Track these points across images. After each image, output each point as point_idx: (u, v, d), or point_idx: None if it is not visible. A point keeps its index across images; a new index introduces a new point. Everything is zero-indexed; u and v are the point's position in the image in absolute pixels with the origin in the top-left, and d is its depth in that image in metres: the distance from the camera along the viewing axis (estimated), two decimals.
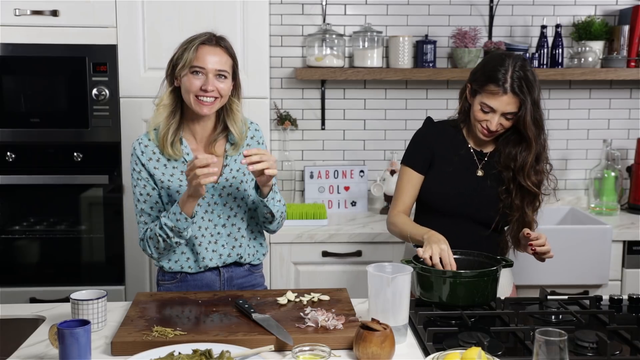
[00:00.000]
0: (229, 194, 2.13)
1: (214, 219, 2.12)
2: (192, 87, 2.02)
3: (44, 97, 2.95)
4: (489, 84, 2.08)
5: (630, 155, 3.55)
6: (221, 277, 2.18)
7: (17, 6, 2.85)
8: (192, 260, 2.14)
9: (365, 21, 3.37)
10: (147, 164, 2.09)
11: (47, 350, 1.70)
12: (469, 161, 2.22)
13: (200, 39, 2.05)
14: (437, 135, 2.25)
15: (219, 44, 2.06)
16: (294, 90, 3.44)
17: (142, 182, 2.10)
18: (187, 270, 2.15)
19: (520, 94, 2.06)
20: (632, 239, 3.06)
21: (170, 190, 2.09)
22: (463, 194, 2.19)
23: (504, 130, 2.14)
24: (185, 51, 2.03)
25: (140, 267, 3.02)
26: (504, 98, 2.07)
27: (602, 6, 3.48)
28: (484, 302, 1.93)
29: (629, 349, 1.71)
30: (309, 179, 3.45)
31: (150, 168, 2.09)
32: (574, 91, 3.53)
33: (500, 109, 2.08)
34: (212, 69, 2.02)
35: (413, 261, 1.96)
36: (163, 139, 2.07)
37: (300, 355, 1.56)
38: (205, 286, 2.16)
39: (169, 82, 2.09)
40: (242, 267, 2.20)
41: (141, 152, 2.10)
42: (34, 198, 3.01)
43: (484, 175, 2.21)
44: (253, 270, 2.24)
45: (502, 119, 2.10)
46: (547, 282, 2.79)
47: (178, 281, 2.17)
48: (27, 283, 3.00)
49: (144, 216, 2.12)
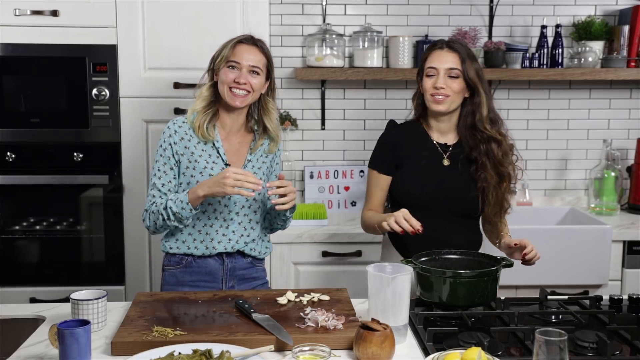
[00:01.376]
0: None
1: (229, 204, 2.21)
2: (227, 79, 2.17)
3: (44, 97, 2.95)
4: (428, 52, 2.26)
5: (630, 155, 3.55)
6: (224, 266, 2.23)
7: (17, 6, 2.85)
8: (199, 241, 2.21)
9: (365, 21, 3.37)
10: (178, 142, 2.20)
11: (47, 350, 1.70)
12: (434, 154, 2.28)
13: (239, 38, 2.22)
14: (399, 136, 2.32)
15: (255, 43, 2.22)
16: (294, 90, 3.44)
17: (163, 159, 2.20)
18: (194, 252, 2.21)
19: (458, 50, 2.21)
20: (632, 239, 3.06)
21: (194, 171, 2.19)
22: (433, 186, 2.24)
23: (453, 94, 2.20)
24: (224, 48, 2.20)
25: (140, 267, 3.02)
26: (442, 53, 2.21)
27: (602, 6, 3.48)
28: (484, 302, 1.94)
29: (629, 349, 1.71)
30: (309, 179, 3.45)
31: (181, 147, 2.20)
32: (574, 91, 3.53)
33: (441, 65, 2.20)
34: (247, 64, 2.17)
35: (413, 261, 1.96)
36: (198, 124, 2.20)
37: (300, 355, 1.57)
38: (208, 274, 2.22)
39: (210, 77, 2.25)
40: (246, 259, 2.26)
41: (174, 132, 2.21)
42: (34, 198, 3.01)
43: (451, 164, 2.27)
44: (255, 263, 2.30)
45: (447, 79, 2.20)
46: (547, 282, 2.79)
47: (183, 266, 2.23)
48: (27, 283, 3.00)
49: (154, 190, 2.20)
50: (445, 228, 2.23)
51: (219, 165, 2.19)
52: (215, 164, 2.19)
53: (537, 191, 3.58)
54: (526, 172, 3.52)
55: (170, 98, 2.94)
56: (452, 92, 2.20)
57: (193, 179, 2.18)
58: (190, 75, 2.91)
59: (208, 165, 2.19)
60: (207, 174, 2.17)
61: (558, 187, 3.60)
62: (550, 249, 2.98)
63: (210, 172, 2.17)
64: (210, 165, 2.19)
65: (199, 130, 2.18)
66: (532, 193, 3.54)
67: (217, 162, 2.20)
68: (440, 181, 2.25)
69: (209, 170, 2.17)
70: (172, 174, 2.20)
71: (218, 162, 2.20)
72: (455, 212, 2.25)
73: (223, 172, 2.05)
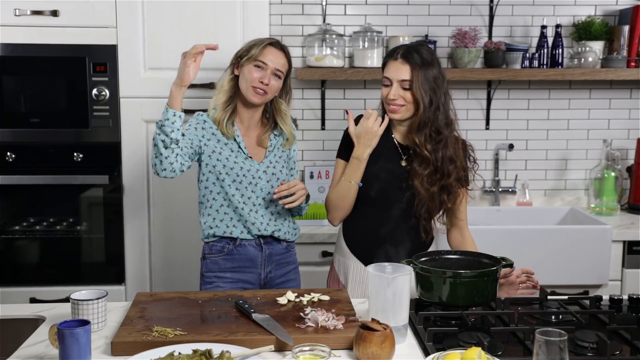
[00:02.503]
0: (273, 174, 2.37)
1: (256, 190, 2.34)
2: (251, 77, 2.29)
3: (44, 97, 2.96)
4: (386, 59, 2.28)
5: (630, 155, 3.55)
6: (263, 252, 2.36)
7: (17, 6, 2.85)
8: (236, 220, 2.33)
9: (365, 21, 3.37)
10: (206, 128, 2.34)
11: (47, 350, 1.70)
12: (393, 152, 2.31)
13: (269, 40, 2.35)
14: None
15: (282, 48, 2.36)
16: (294, 90, 3.38)
17: (190, 130, 2.33)
18: (233, 232, 2.33)
19: (409, 60, 2.20)
20: (632, 239, 3.07)
21: (218, 163, 2.31)
22: (389, 183, 2.27)
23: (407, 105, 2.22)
24: (254, 47, 2.31)
25: (140, 267, 3.02)
26: (395, 64, 2.23)
27: (602, 6, 3.48)
28: (484, 302, 1.93)
29: (629, 349, 1.71)
30: (309, 179, 3.45)
31: (208, 133, 2.33)
32: (574, 91, 3.53)
33: (394, 76, 2.22)
34: (272, 67, 2.30)
35: (413, 261, 1.96)
36: (220, 119, 2.33)
37: (300, 355, 1.56)
38: (249, 260, 2.35)
39: (231, 71, 2.36)
40: (281, 244, 2.40)
41: (203, 121, 2.35)
42: (34, 198, 3.01)
43: (407, 164, 2.29)
44: (289, 248, 2.44)
45: (400, 90, 2.22)
46: (547, 282, 2.78)
47: (225, 254, 2.34)
48: (27, 283, 3.01)
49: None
50: (403, 224, 2.27)
51: (241, 156, 2.33)
52: (238, 153, 2.33)
53: (537, 191, 3.58)
54: (526, 172, 3.56)
55: None
56: (406, 102, 2.22)
57: (219, 163, 2.30)
58: None
59: (232, 155, 2.32)
60: (232, 161, 2.31)
61: (558, 187, 3.60)
62: (550, 249, 2.98)
63: (235, 160, 2.32)
64: (234, 154, 2.33)
65: (220, 126, 2.32)
66: (532, 193, 3.55)
67: (239, 154, 2.34)
68: (398, 180, 2.27)
69: (232, 159, 2.32)
70: (191, 138, 2.29)
71: (240, 155, 2.34)
72: (407, 212, 2.27)
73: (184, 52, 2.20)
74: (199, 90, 2.89)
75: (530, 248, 2.97)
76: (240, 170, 2.32)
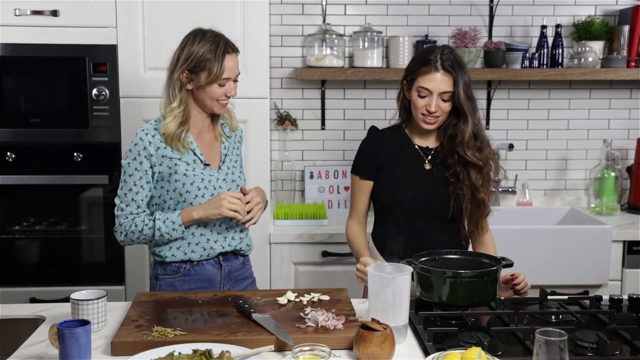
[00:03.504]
0: (233, 180, 2.22)
1: None
2: (216, 94, 2.12)
3: (44, 97, 2.95)
4: (421, 68, 2.19)
5: (630, 155, 3.55)
6: (222, 270, 2.22)
7: (17, 6, 2.85)
8: (195, 244, 2.17)
9: (365, 21, 3.37)
10: (154, 154, 2.12)
11: (47, 350, 1.70)
12: (416, 158, 2.28)
13: (221, 48, 2.09)
14: (380, 141, 2.33)
15: (234, 48, 2.14)
16: (294, 90, 3.44)
17: (139, 173, 2.13)
18: (192, 257, 2.17)
19: (451, 71, 2.16)
20: (632, 239, 3.07)
21: (177, 175, 2.13)
22: (414, 188, 2.24)
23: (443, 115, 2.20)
24: (209, 62, 2.08)
25: (140, 267, 3.02)
26: (437, 76, 2.16)
27: (602, 6, 3.48)
28: (484, 302, 1.93)
29: (629, 349, 1.71)
30: (309, 179, 3.45)
31: (159, 158, 2.13)
32: (574, 91, 3.53)
33: (435, 89, 2.16)
34: (235, 74, 2.14)
35: (413, 261, 1.96)
36: (172, 137, 2.12)
37: (300, 355, 1.57)
38: (207, 280, 2.20)
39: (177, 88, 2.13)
40: (238, 259, 2.26)
41: (148, 143, 2.12)
42: (34, 198, 3.01)
43: (432, 167, 2.27)
44: (245, 262, 2.30)
45: (440, 101, 2.17)
46: (547, 282, 2.79)
47: (181, 275, 2.19)
48: (27, 283, 3.00)
49: (131, 206, 2.14)
50: (427, 231, 2.23)
51: (199, 166, 2.16)
52: (196, 164, 2.16)
53: (537, 191, 3.58)
54: (526, 172, 3.56)
55: None
56: (443, 112, 2.20)
57: (178, 184, 2.12)
58: None
59: (189, 168, 2.14)
60: (191, 175, 2.13)
61: (558, 187, 3.60)
62: (550, 249, 2.98)
63: (194, 174, 2.14)
64: (191, 167, 2.15)
65: (173, 144, 2.12)
66: (532, 193, 3.55)
67: (197, 164, 2.16)
68: (421, 184, 2.24)
69: (191, 172, 2.13)
70: (148, 188, 2.14)
71: (197, 164, 2.16)
72: (436, 215, 2.24)
73: (219, 194, 2.10)
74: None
75: (530, 248, 2.97)
76: (201, 183, 2.14)
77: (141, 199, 2.14)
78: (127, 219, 2.15)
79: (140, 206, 2.15)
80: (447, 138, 2.25)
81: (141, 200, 2.14)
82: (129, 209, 2.14)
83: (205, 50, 2.09)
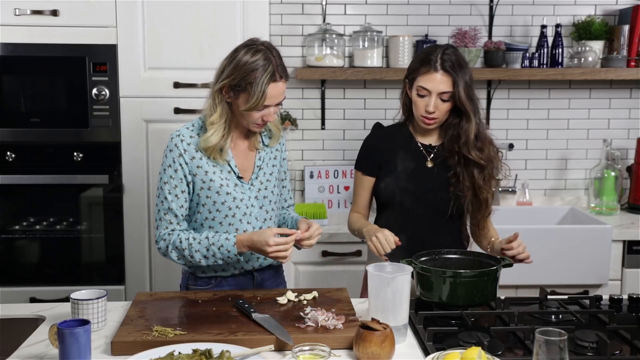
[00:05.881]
0: (265, 197, 2.15)
1: (252, 221, 2.12)
2: (254, 118, 2.01)
3: (44, 97, 2.95)
4: (421, 67, 2.18)
5: (630, 155, 3.55)
6: (254, 281, 2.19)
7: (17, 6, 2.85)
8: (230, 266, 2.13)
9: (365, 21, 3.37)
10: (189, 162, 2.05)
11: (47, 350, 1.70)
12: (418, 155, 2.28)
13: (267, 75, 1.96)
14: (383, 138, 2.33)
15: (283, 76, 2.02)
16: (294, 90, 3.44)
17: (174, 181, 2.05)
18: (222, 274, 2.14)
19: (451, 72, 2.15)
20: (632, 238, 3.07)
21: (210, 191, 2.06)
22: (416, 185, 2.24)
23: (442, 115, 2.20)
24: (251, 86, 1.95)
25: (140, 267, 3.02)
26: (436, 76, 2.15)
27: (602, 6, 3.48)
28: (484, 302, 1.94)
29: (629, 349, 1.71)
30: (309, 179, 3.45)
31: (193, 167, 2.05)
32: (574, 91, 3.53)
33: (434, 88, 2.15)
34: (276, 102, 2.03)
35: (413, 261, 1.96)
36: (213, 150, 2.04)
37: (300, 355, 1.57)
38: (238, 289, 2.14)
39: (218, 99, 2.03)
40: (272, 268, 2.23)
41: (183, 150, 2.04)
42: (34, 198, 3.01)
43: (434, 165, 2.27)
44: (277, 268, 2.27)
45: (439, 101, 2.17)
46: (547, 282, 2.79)
47: (213, 286, 2.15)
48: (27, 283, 3.00)
49: (169, 215, 2.06)
50: (428, 229, 2.23)
51: (232, 180, 2.09)
52: (229, 179, 2.09)
53: (537, 191, 3.58)
54: (526, 172, 3.56)
55: (170, 98, 2.94)
56: (442, 113, 2.20)
57: (209, 200, 2.06)
58: (190, 75, 2.91)
59: (223, 183, 2.07)
60: (224, 192, 2.06)
61: (558, 187, 3.60)
62: (550, 249, 2.98)
63: (227, 191, 2.06)
64: (225, 182, 2.07)
65: (213, 156, 2.05)
66: (532, 193, 3.55)
67: (230, 177, 2.09)
68: (422, 182, 2.25)
69: (225, 189, 2.06)
70: (184, 197, 2.06)
71: (231, 177, 2.09)
72: (436, 214, 2.24)
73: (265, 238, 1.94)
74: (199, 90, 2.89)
75: (530, 248, 2.94)
76: (233, 202, 2.07)
77: (179, 206, 2.06)
78: (168, 229, 2.07)
79: (178, 215, 2.06)
80: (449, 138, 2.25)
81: (179, 207, 2.06)
82: (168, 218, 2.06)
83: (250, 72, 1.96)
